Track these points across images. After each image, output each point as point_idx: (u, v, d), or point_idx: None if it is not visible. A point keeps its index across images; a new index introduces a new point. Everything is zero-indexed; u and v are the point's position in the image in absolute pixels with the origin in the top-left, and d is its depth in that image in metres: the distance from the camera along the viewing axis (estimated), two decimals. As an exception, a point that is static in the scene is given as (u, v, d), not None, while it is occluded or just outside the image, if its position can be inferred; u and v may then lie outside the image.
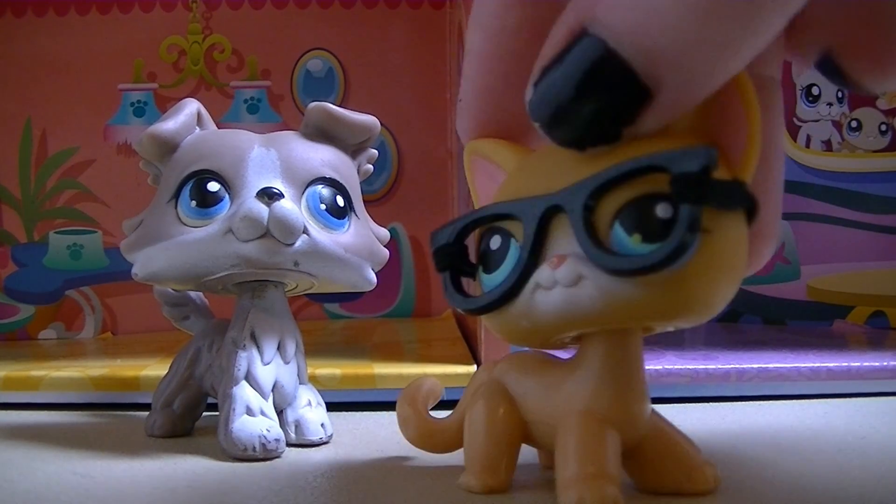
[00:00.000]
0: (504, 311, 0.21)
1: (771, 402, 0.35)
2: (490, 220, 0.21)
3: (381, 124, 0.30)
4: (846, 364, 0.36)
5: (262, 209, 0.26)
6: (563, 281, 0.19)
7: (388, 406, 0.34)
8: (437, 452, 0.26)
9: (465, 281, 0.23)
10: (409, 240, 0.57)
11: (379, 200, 0.57)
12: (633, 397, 0.21)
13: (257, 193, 0.26)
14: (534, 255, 0.20)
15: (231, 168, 0.27)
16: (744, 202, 0.19)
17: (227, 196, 0.27)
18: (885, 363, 0.36)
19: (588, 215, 0.19)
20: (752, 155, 0.19)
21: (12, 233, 0.55)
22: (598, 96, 0.18)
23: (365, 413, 0.34)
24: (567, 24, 0.18)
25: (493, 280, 0.21)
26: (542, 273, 0.20)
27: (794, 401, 0.35)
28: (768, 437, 0.30)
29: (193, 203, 0.27)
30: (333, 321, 0.57)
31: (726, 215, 0.19)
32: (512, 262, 0.21)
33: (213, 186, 0.27)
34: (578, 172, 0.20)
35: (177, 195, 0.27)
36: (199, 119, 0.29)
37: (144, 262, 0.27)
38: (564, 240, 0.20)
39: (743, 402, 0.35)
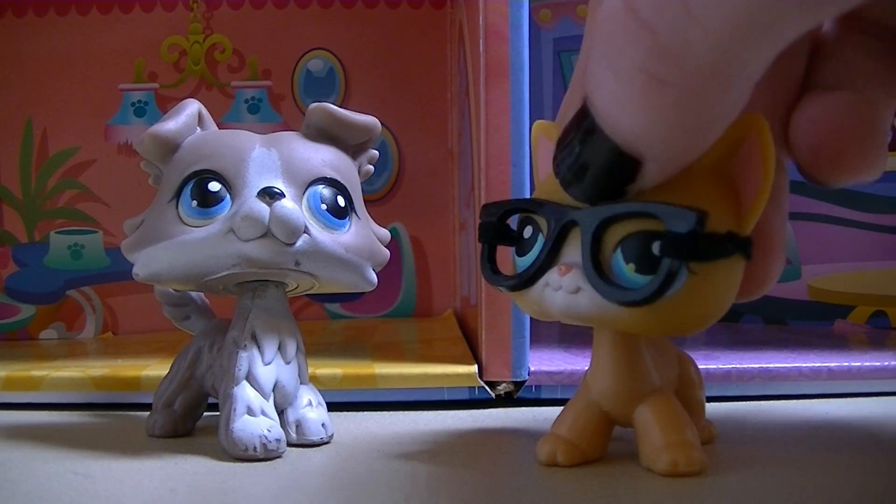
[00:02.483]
0: (522, 294, 0.24)
1: (772, 401, 0.35)
2: (526, 211, 0.25)
3: (382, 124, 0.30)
4: (847, 364, 0.36)
5: (263, 209, 0.26)
6: (566, 287, 0.23)
7: (389, 406, 0.35)
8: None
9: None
10: (410, 240, 0.57)
11: (380, 200, 0.57)
12: (619, 378, 0.25)
13: (258, 193, 0.26)
14: (550, 256, 0.23)
15: (232, 168, 0.27)
16: (732, 252, 0.22)
17: (227, 196, 0.27)
18: (886, 363, 0.36)
19: (596, 242, 0.22)
20: (759, 204, 0.22)
21: (13, 233, 0.55)
22: (596, 167, 0.21)
23: (366, 413, 0.34)
24: (580, 94, 0.21)
25: (521, 263, 0.24)
26: (552, 275, 0.23)
27: (794, 401, 0.35)
28: (769, 436, 0.30)
29: (194, 203, 0.27)
30: (334, 321, 0.57)
31: (714, 262, 0.22)
32: (535, 254, 0.24)
33: (214, 186, 0.27)
34: None
35: (178, 195, 0.27)
36: (200, 119, 0.29)
37: (145, 261, 0.27)
38: (575, 249, 0.23)
39: (744, 402, 0.35)
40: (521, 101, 0.34)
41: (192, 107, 0.29)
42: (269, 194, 0.26)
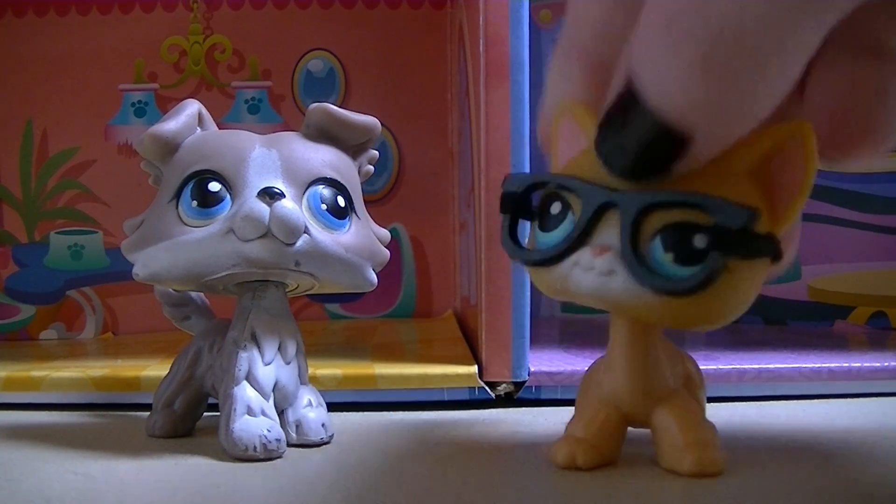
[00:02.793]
0: (545, 271, 0.23)
1: (772, 402, 0.35)
2: (557, 188, 0.24)
3: (382, 125, 0.30)
4: (847, 364, 0.36)
5: (263, 209, 0.26)
6: (600, 269, 0.22)
7: (389, 407, 0.35)
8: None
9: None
10: (410, 240, 0.57)
11: (380, 201, 0.57)
12: (636, 378, 0.25)
13: (258, 193, 0.26)
14: (583, 236, 0.22)
15: (232, 168, 0.27)
16: (769, 254, 0.22)
17: (228, 196, 0.27)
18: (886, 364, 0.36)
19: (636, 226, 0.22)
20: (796, 208, 0.22)
21: (13, 233, 0.55)
22: (644, 142, 0.21)
23: (365, 413, 0.34)
24: (622, 74, 0.21)
25: (546, 239, 0.24)
26: (584, 255, 0.22)
27: (794, 401, 0.35)
28: (769, 437, 0.30)
29: (194, 203, 0.27)
30: (334, 321, 0.57)
31: (750, 261, 0.22)
32: (564, 232, 0.23)
33: (214, 186, 0.27)
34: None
35: (178, 195, 0.27)
36: (200, 119, 0.29)
37: (145, 262, 0.27)
38: (611, 232, 0.22)
39: (744, 403, 0.35)
40: (521, 102, 0.34)
41: (193, 107, 0.29)
42: (270, 194, 0.26)
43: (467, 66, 0.40)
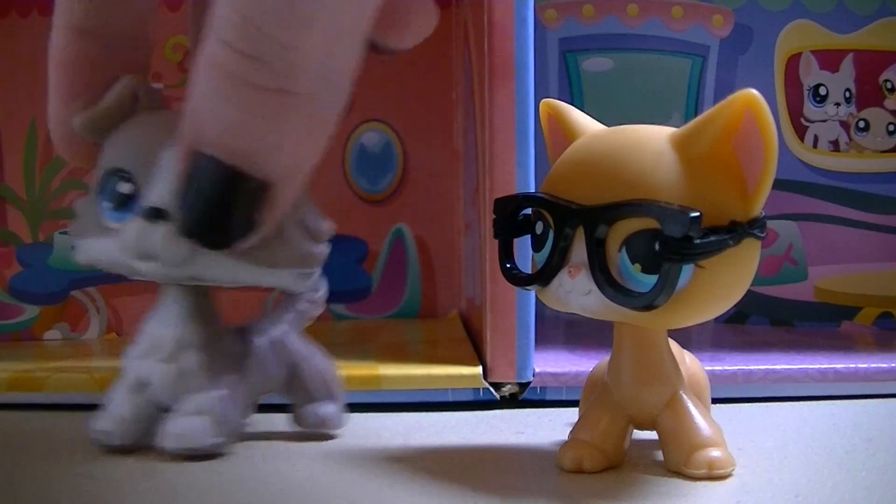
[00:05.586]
0: (541, 290, 0.24)
1: (778, 403, 0.35)
2: (536, 205, 0.24)
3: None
4: (854, 365, 0.36)
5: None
6: (577, 290, 0.22)
7: (394, 407, 0.34)
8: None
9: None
10: (415, 240, 0.57)
11: (384, 201, 0.57)
12: (642, 380, 0.24)
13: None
14: (561, 256, 0.23)
15: (143, 169, 0.25)
16: (740, 240, 0.21)
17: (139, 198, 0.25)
18: (893, 365, 0.36)
19: (600, 242, 0.22)
20: (766, 184, 0.22)
21: (17, 233, 0.55)
22: (236, 202, 0.21)
23: (370, 414, 0.34)
24: (182, 151, 0.22)
25: (538, 259, 0.24)
26: (563, 277, 0.23)
27: (801, 402, 0.35)
28: (775, 438, 0.29)
29: (109, 205, 0.26)
30: (339, 322, 0.57)
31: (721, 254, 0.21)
32: (547, 252, 0.23)
33: (125, 187, 0.26)
34: (604, 190, 0.22)
35: (99, 190, 0.26)
36: (136, 100, 0.29)
37: (83, 249, 0.28)
38: (582, 248, 0.22)
39: (750, 404, 0.35)
40: (526, 102, 0.34)
41: (121, 85, 0.28)
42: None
43: (472, 66, 0.40)
